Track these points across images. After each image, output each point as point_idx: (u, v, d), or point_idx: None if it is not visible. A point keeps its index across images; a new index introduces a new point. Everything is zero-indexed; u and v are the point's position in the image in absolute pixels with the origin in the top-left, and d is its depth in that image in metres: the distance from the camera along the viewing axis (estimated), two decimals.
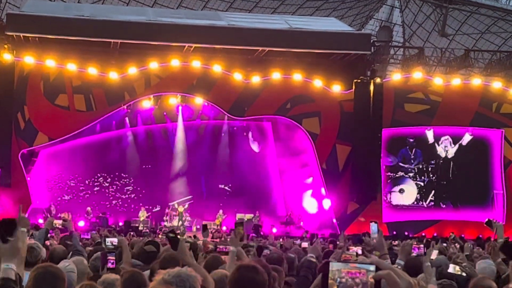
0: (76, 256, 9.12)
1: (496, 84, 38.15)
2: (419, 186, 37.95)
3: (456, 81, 38.02)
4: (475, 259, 12.32)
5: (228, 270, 6.80)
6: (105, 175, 38.33)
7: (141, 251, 10.74)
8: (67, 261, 8.39)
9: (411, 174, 37.96)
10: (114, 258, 8.70)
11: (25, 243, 7.54)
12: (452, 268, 8.74)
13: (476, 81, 38.15)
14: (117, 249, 9.88)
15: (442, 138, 37.90)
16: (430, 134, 37.79)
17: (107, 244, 11.53)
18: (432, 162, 37.97)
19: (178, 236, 6.91)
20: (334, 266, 3.16)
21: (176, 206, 37.60)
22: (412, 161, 37.99)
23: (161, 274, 4.37)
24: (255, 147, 39.88)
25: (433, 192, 37.86)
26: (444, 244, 15.09)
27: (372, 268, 3.11)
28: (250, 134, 39.81)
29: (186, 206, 37.79)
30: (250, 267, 5.38)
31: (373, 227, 8.95)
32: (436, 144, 37.91)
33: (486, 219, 10.96)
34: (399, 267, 7.10)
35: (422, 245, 9.52)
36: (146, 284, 6.61)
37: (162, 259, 8.22)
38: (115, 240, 10.95)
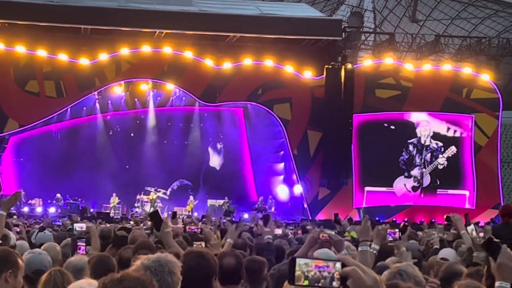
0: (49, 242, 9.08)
1: (466, 70, 38.37)
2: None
3: (427, 67, 38.25)
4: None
5: None
6: (75, 160, 38.02)
7: (114, 236, 10.85)
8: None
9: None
10: (84, 244, 8.67)
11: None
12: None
13: (447, 67, 38.39)
14: (87, 235, 9.86)
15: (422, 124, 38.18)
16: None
17: (76, 230, 11.51)
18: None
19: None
20: (301, 261, 3.19)
21: (148, 192, 37.42)
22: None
23: (140, 259, 4.40)
24: (216, 160, 39.82)
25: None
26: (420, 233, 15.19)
27: (338, 264, 3.14)
28: (218, 145, 39.67)
29: (160, 193, 37.61)
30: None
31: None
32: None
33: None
34: (374, 251, 7.16)
35: (397, 230, 9.58)
36: (115, 268, 6.59)
37: (136, 245, 8.24)
38: (83, 226, 10.93)
